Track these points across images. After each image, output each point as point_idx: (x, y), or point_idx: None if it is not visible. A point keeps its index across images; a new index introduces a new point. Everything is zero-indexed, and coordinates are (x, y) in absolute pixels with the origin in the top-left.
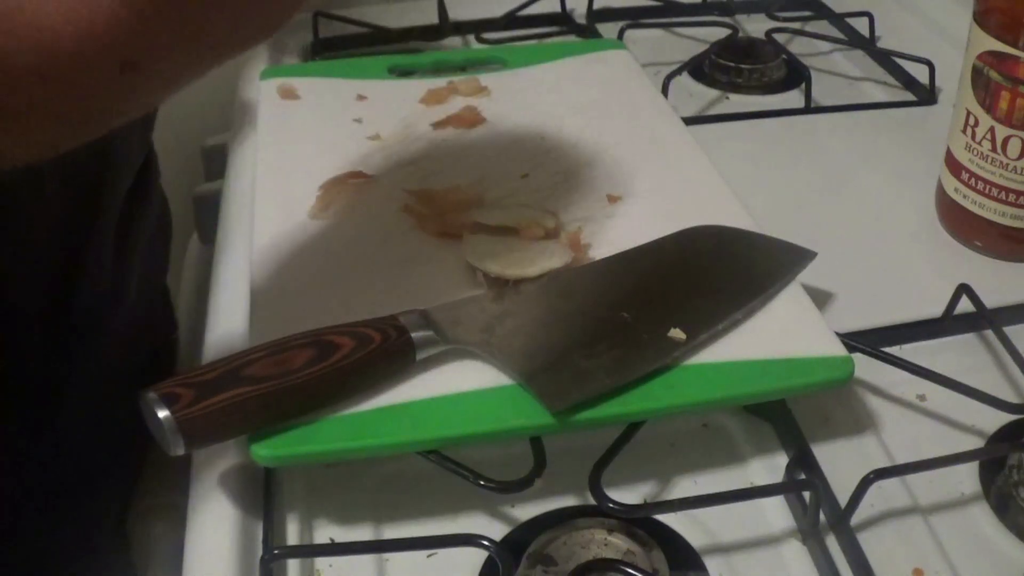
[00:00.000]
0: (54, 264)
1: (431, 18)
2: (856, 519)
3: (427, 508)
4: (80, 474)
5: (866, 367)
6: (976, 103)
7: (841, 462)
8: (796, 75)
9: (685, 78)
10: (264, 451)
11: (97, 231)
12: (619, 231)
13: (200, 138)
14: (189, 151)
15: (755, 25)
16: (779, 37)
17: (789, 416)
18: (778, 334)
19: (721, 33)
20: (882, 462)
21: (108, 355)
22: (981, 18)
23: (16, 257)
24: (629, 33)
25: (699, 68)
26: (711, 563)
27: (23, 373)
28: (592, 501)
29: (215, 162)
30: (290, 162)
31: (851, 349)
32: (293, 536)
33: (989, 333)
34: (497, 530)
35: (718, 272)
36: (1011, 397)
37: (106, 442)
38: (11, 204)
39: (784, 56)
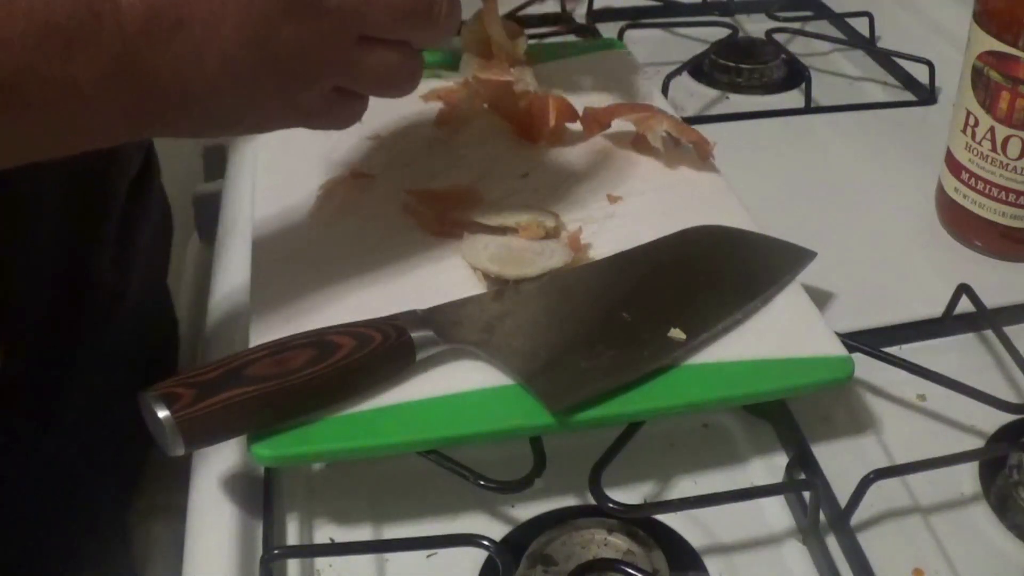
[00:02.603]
0: (57, 267)
1: None
2: (856, 519)
3: (427, 508)
4: (81, 473)
5: (866, 367)
6: (976, 103)
7: (841, 462)
8: (796, 75)
9: (685, 78)
10: (264, 451)
11: (100, 232)
12: (619, 231)
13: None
14: (189, 151)
15: (755, 25)
16: (779, 37)
17: (789, 416)
18: (778, 334)
19: (721, 33)
20: (882, 462)
21: (110, 354)
22: (981, 18)
23: (20, 261)
24: (629, 33)
25: (699, 68)
26: (711, 563)
27: (27, 372)
28: (592, 501)
29: (215, 162)
30: (290, 162)
31: (851, 349)
32: (293, 536)
33: (989, 333)
34: (497, 530)
35: (718, 272)
36: (1011, 397)
37: (107, 441)
38: (14, 209)
39: (784, 56)
